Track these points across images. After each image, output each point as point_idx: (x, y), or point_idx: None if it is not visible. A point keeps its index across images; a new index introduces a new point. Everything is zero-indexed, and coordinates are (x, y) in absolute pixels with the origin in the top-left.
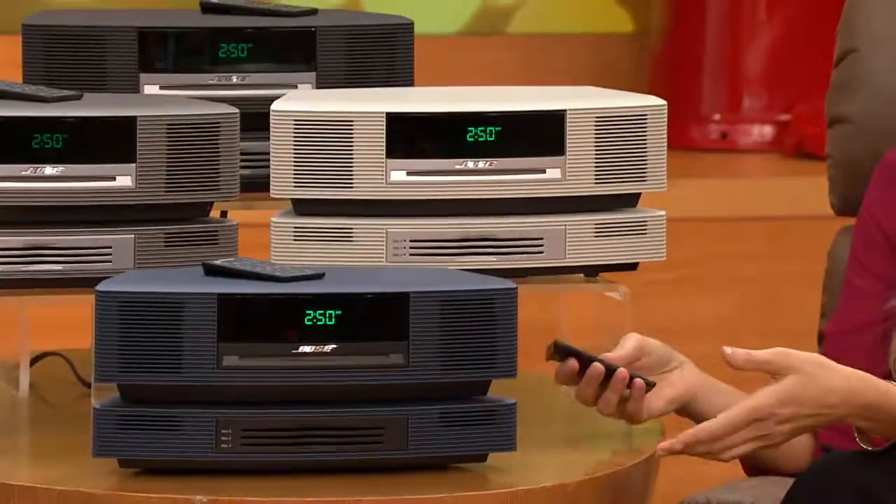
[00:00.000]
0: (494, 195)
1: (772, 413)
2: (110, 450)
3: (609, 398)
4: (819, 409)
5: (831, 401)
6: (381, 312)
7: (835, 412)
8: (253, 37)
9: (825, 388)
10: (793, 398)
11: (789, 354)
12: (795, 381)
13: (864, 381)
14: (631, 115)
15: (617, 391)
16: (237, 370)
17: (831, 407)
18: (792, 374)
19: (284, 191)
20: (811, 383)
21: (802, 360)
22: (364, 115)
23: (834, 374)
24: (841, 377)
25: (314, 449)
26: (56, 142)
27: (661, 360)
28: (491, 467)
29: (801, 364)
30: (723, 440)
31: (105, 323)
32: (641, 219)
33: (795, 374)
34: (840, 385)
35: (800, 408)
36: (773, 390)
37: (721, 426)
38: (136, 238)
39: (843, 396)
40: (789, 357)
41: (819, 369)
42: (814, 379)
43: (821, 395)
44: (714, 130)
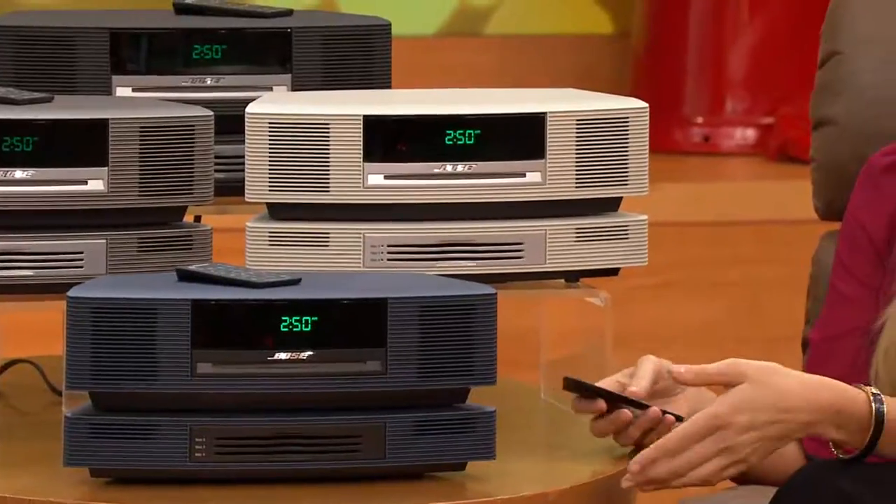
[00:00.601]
0: (473, 199)
1: (728, 422)
2: (82, 459)
3: (632, 434)
4: (777, 415)
5: (788, 404)
6: (358, 319)
7: (796, 417)
8: (227, 38)
9: (779, 391)
10: (746, 404)
11: (739, 363)
12: (747, 387)
13: (823, 384)
14: (612, 117)
15: (643, 429)
16: (211, 377)
17: (789, 411)
18: (745, 382)
19: (260, 195)
20: (763, 388)
21: (754, 368)
22: (341, 117)
23: (787, 377)
24: (796, 380)
25: (290, 457)
26: (26, 145)
27: (668, 385)
28: (470, 476)
29: (752, 371)
30: (684, 455)
31: (77, 329)
32: (623, 223)
33: (748, 381)
34: (795, 387)
35: (756, 413)
36: (725, 397)
37: (677, 438)
38: (108, 243)
39: (801, 398)
40: (739, 366)
41: (771, 374)
42: (766, 384)
43: (776, 399)
44: (696, 133)
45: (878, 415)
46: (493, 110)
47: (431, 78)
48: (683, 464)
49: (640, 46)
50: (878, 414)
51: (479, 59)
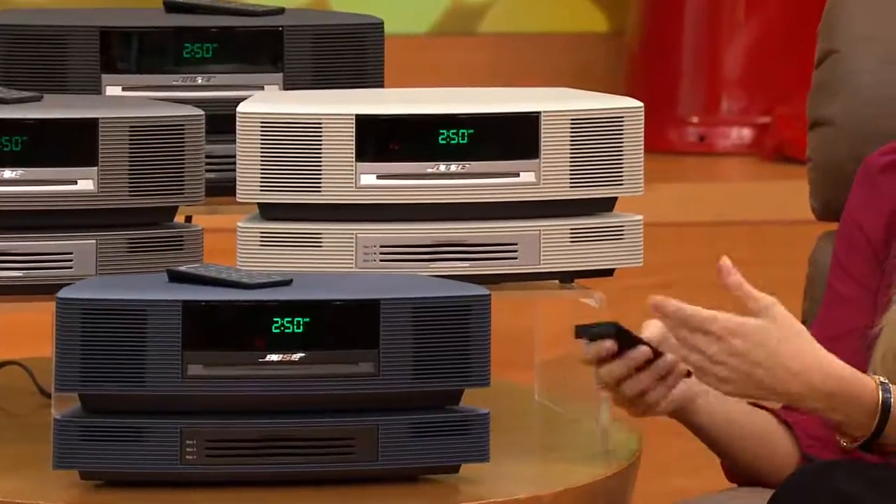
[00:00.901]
0: (467, 199)
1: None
2: (71, 462)
3: (643, 380)
4: (774, 369)
5: (794, 365)
6: (350, 320)
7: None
8: (218, 37)
9: (795, 351)
10: (752, 335)
11: (776, 305)
12: (767, 325)
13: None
14: (607, 117)
15: (658, 374)
16: (202, 379)
17: (790, 371)
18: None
19: (251, 195)
20: (781, 336)
21: (785, 317)
22: (333, 116)
23: (812, 345)
24: (811, 355)
25: (282, 460)
26: (15, 144)
27: None
28: (463, 479)
29: (783, 319)
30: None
31: (66, 331)
32: (618, 224)
33: (774, 322)
34: (810, 359)
35: (755, 350)
36: (740, 320)
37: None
38: (98, 243)
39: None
40: (776, 307)
41: (797, 334)
42: (787, 336)
43: (788, 356)
44: (692, 133)
45: (885, 403)
46: (486, 110)
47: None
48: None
49: (635, 45)
50: (885, 402)
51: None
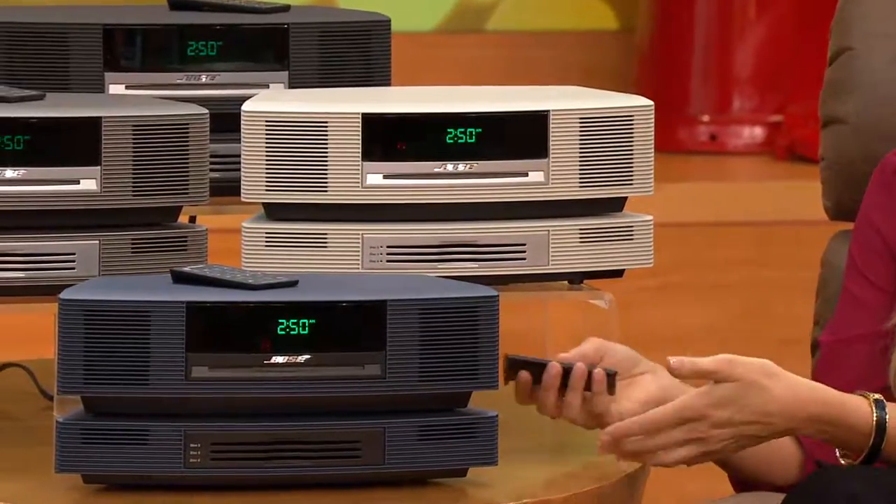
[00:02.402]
0: (475, 199)
1: (704, 414)
2: (74, 465)
3: (571, 400)
4: (758, 417)
5: (771, 409)
6: (357, 321)
7: (776, 422)
8: (223, 34)
9: (766, 395)
10: (728, 401)
11: (734, 363)
12: (736, 386)
13: (812, 393)
14: (617, 115)
15: (577, 388)
16: (207, 381)
17: (770, 415)
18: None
19: (256, 195)
20: (751, 390)
21: (747, 369)
22: (339, 115)
23: (778, 382)
24: (785, 386)
25: (287, 463)
26: (17, 143)
27: (626, 364)
28: (471, 482)
29: (745, 373)
30: (654, 438)
31: (69, 332)
32: (628, 224)
33: (738, 381)
34: (782, 394)
35: (736, 413)
36: (707, 392)
37: (649, 421)
38: (101, 244)
39: (784, 407)
40: (734, 365)
41: (763, 377)
42: (755, 385)
43: (760, 403)
44: (703, 132)
45: (880, 422)
46: (494, 108)
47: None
48: (652, 445)
49: (645, 43)
50: (879, 421)
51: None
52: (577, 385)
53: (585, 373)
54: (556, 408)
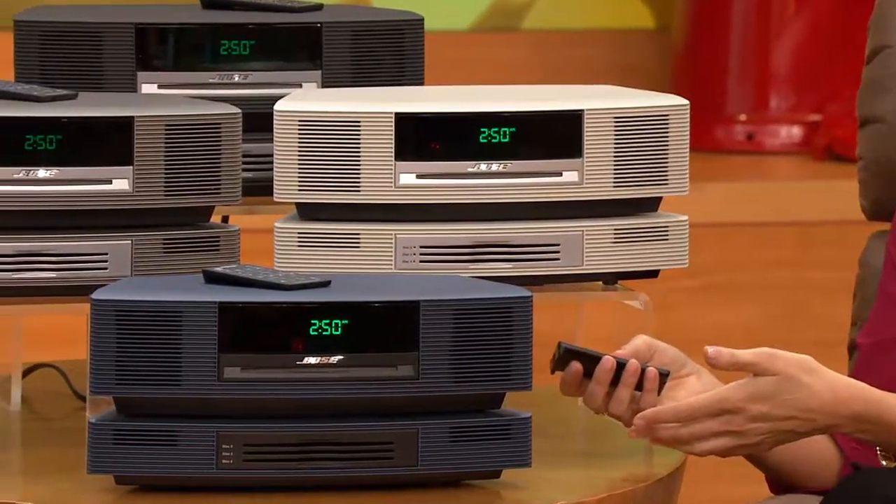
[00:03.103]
0: (508, 199)
1: (741, 408)
2: (106, 466)
3: (620, 396)
4: (797, 413)
5: (811, 405)
6: (389, 322)
7: (816, 419)
8: (256, 33)
9: (805, 392)
10: (767, 396)
11: (774, 357)
12: (775, 381)
13: (851, 390)
14: (652, 115)
15: (629, 385)
16: (239, 382)
17: (810, 412)
18: (774, 375)
19: (289, 194)
20: (790, 386)
21: (787, 364)
22: (372, 115)
23: (818, 379)
24: (824, 383)
25: (320, 465)
26: (50, 143)
27: (674, 365)
28: (505, 484)
29: (784, 367)
30: (689, 426)
31: (101, 333)
32: (663, 224)
33: (778, 375)
34: (822, 391)
35: (774, 408)
36: (746, 385)
37: (685, 409)
38: (133, 244)
39: (824, 403)
40: (774, 360)
41: (802, 373)
42: (794, 381)
43: (799, 399)
44: (740, 131)
45: None
46: (528, 107)
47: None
48: (687, 434)
49: (682, 41)
50: None
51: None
52: (630, 382)
53: (639, 370)
54: (604, 402)
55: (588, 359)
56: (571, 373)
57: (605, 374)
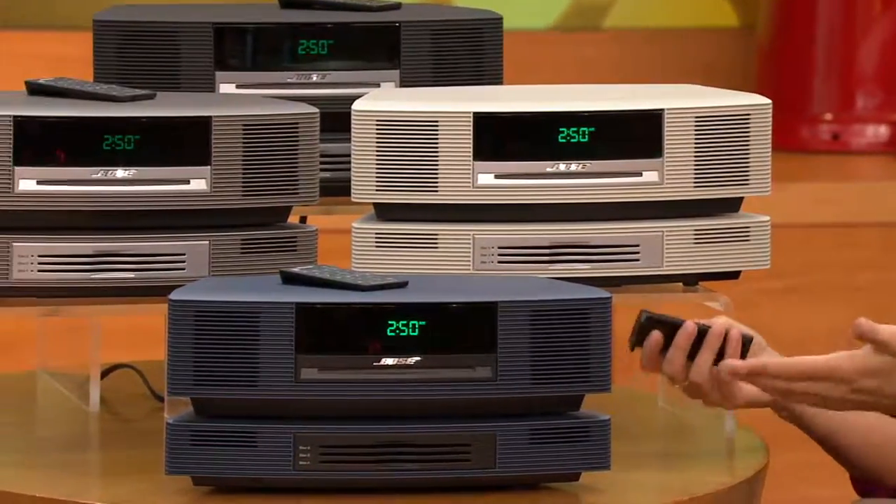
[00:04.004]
0: (587, 199)
1: (851, 379)
2: (183, 467)
3: (702, 361)
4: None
5: None
6: (467, 323)
7: None
8: (334, 33)
9: None
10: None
11: None
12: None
13: None
14: (733, 114)
15: (712, 348)
16: (316, 383)
17: None
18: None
19: (366, 195)
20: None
21: None
22: (450, 114)
23: None
24: None
25: (397, 467)
26: (128, 143)
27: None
28: (584, 486)
29: None
30: (789, 384)
31: (178, 333)
32: (744, 224)
33: None
34: None
35: (886, 384)
36: (862, 358)
37: (795, 370)
38: (210, 244)
39: None
40: None
41: None
42: None
43: None
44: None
45: None
46: (608, 107)
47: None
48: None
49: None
50: None
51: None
52: (713, 343)
53: (723, 334)
54: (684, 370)
55: (669, 326)
56: (652, 341)
57: (687, 338)
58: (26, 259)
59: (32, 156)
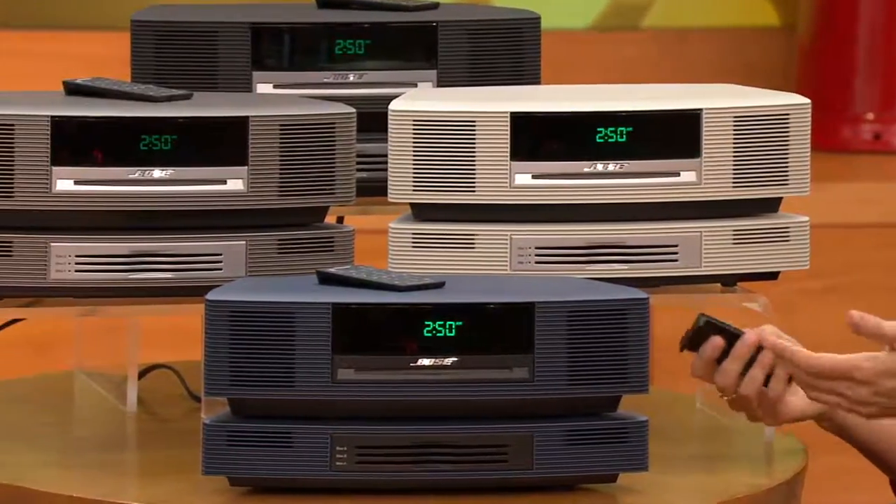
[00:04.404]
0: (625, 199)
1: (871, 381)
2: (220, 467)
3: (755, 374)
4: None
5: None
6: (504, 323)
7: None
8: (371, 33)
9: None
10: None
11: None
12: None
13: None
14: (772, 114)
15: (763, 366)
16: (352, 384)
17: None
18: None
19: (403, 195)
20: None
21: None
22: (487, 114)
23: None
24: None
25: (434, 467)
26: (165, 143)
27: None
28: (621, 488)
29: None
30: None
31: (215, 333)
32: (783, 225)
33: None
34: None
35: None
36: (882, 359)
37: (815, 365)
38: (247, 244)
39: None
40: None
41: None
42: None
43: None
44: (867, 130)
45: None
46: (646, 107)
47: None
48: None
49: (807, 39)
50: None
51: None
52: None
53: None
54: (736, 382)
55: (729, 335)
56: (710, 347)
57: (748, 349)
58: (64, 259)
59: (70, 156)
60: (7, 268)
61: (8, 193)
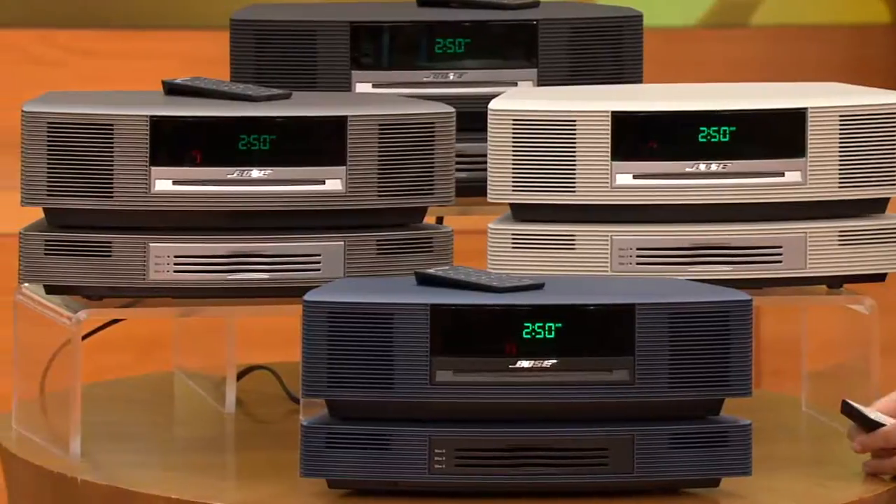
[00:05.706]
0: (728, 200)
1: None
2: (318, 469)
3: None
4: None
5: None
6: (605, 325)
7: None
8: (471, 31)
9: None
10: None
11: None
12: None
13: None
14: (879, 113)
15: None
16: (451, 386)
17: None
18: None
19: (503, 195)
20: None
21: None
22: (588, 114)
23: None
24: None
25: (533, 470)
26: (263, 143)
27: None
28: (724, 492)
29: None
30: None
31: (313, 335)
32: (891, 226)
33: None
34: None
35: None
36: None
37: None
38: (346, 245)
39: None
40: None
41: None
42: None
43: None
44: None
45: None
46: (749, 106)
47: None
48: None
49: None
50: None
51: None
52: None
53: None
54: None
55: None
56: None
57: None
58: (162, 260)
59: (168, 156)
60: (106, 268)
61: (107, 194)
